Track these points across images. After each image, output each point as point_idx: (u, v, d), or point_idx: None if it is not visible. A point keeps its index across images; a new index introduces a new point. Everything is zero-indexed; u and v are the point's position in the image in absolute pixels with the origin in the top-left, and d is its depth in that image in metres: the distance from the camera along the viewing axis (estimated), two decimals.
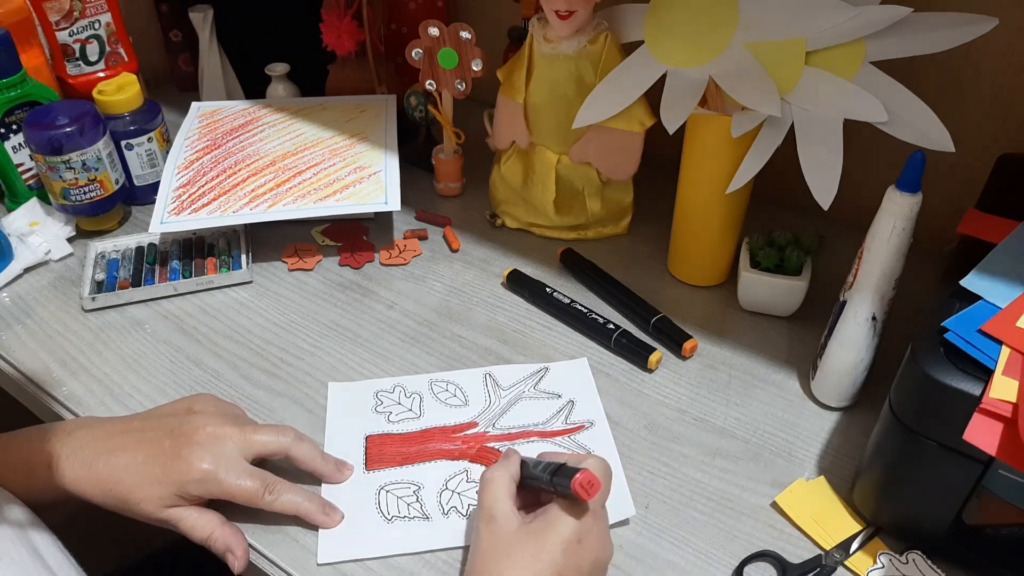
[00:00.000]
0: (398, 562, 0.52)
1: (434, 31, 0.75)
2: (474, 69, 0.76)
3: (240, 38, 0.98)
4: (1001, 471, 0.45)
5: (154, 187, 0.80)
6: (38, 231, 0.79)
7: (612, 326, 0.68)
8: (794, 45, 0.62)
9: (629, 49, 0.70)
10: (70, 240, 0.80)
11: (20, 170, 0.82)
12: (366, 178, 0.78)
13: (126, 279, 0.74)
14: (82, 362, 0.67)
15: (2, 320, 0.71)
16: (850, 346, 0.59)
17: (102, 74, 0.92)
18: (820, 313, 0.67)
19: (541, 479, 0.48)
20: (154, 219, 0.74)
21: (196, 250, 0.78)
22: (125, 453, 0.52)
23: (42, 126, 0.74)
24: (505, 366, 0.66)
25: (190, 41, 1.02)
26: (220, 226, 0.79)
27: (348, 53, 0.88)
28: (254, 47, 0.96)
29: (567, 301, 0.71)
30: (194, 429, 0.53)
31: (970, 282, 0.49)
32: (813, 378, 0.63)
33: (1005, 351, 0.45)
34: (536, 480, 0.49)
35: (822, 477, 0.57)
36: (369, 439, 0.60)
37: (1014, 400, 0.42)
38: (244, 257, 0.76)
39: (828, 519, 0.54)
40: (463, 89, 0.78)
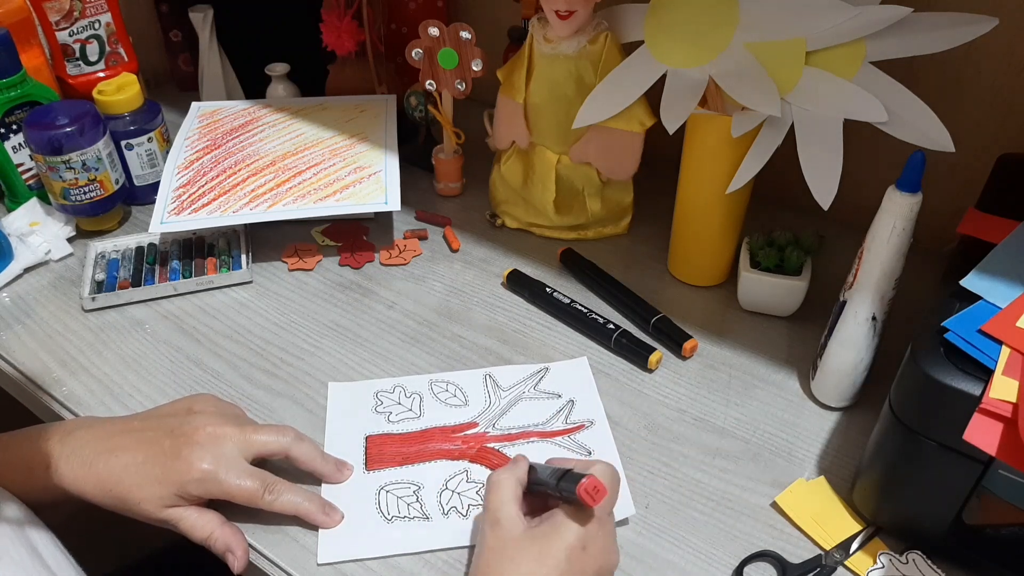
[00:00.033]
0: (398, 562, 0.52)
1: (434, 31, 0.75)
2: (474, 69, 0.76)
3: (240, 38, 0.98)
4: (1001, 471, 0.45)
5: (154, 187, 0.80)
6: (38, 231, 0.79)
7: (612, 326, 0.68)
8: (794, 45, 0.62)
9: (629, 49, 0.70)
10: (70, 240, 0.80)
11: (20, 170, 0.82)
12: (366, 178, 0.78)
13: (126, 279, 0.74)
14: (82, 362, 0.67)
15: (2, 320, 0.71)
16: (850, 346, 0.59)
17: (102, 74, 0.92)
18: (820, 313, 0.67)
19: (547, 484, 0.48)
20: (154, 219, 0.74)
21: (196, 250, 0.78)
22: (125, 453, 0.52)
23: (42, 126, 0.74)
24: (505, 366, 0.66)
25: (190, 41, 1.02)
26: (220, 226, 0.79)
27: (348, 53, 0.88)
28: (254, 47, 0.96)
29: (567, 301, 0.71)
30: (194, 429, 0.53)
31: (970, 282, 0.49)
32: (813, 378, 0.63)
33: (1005, 351, 0.45)
34: (542, 485, 0.48)
35: (822, 477, 0.57)
36: (369, 439, 0.60)
37: (1014, 400, 0.42)
38: (244, 257, 0.76)
39: (828, 519, 0.54)
40: (463, 89, 0.78)
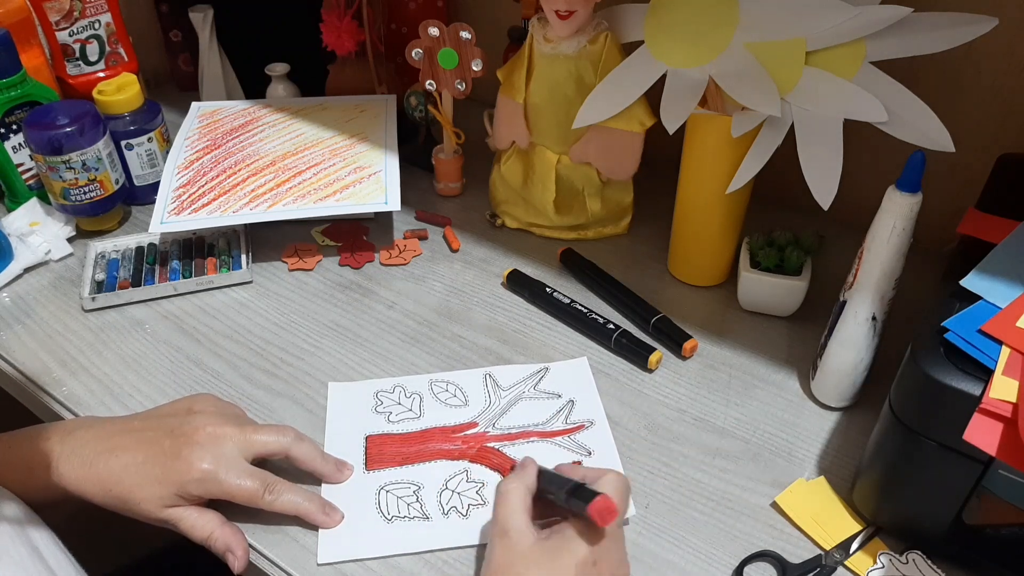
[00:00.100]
0: (398, 562, 0.52)
1: (434, 31, 0.75)
2: (474, 69, 0.76)
3: (240, 38, 0.98)
4: (1001, 471, 0.45)
5: (154, 187, 0.80)
6: (38, 231, 0.79)
7: (612, 326, 0.68)
8: (794, 45, 0.62)
9: (629, 49, 0.70)
10: (70, 240, 0.80)
11: (20, 170, 0.82)
12: (366, 178, 0.78)
13: (126, 279, 0.74)
14: (82, 362, 0.67)
15: (2, 320, 0.71)
16: (850, 346, 0.59)
17: (102, 74, 0.92)
18: (820, 313, 0.67)
19: (557, 497, 0.47)
20: (154, 219, 0.74)
21: (196, 250, 0.78)
22: (125, 453, 0.52)
23: (42, 126, 0.74)
24: (505, 366, 0.66)
25: (190, 41, 1.02)
26: (220, 226, 0.79)
27: (348, 53, 0.88)
28: (254, 47, 0.96)
29: (567, 301, 0.71)
30: (194, 429, 0.53)
31: (970, 282, 0.49)
32: (813, 378, 0.63)
33: (1005, 351, 0.45)
34: (552, 497, 0.48)
35: (822, 477, 0.57)
36: (369, 439, 0.60)
37: (1014, 400, 0.42)
38: (244, 257, 0.76)
39: (828, 519, 0.54)
40: (463, 89, 0.78)
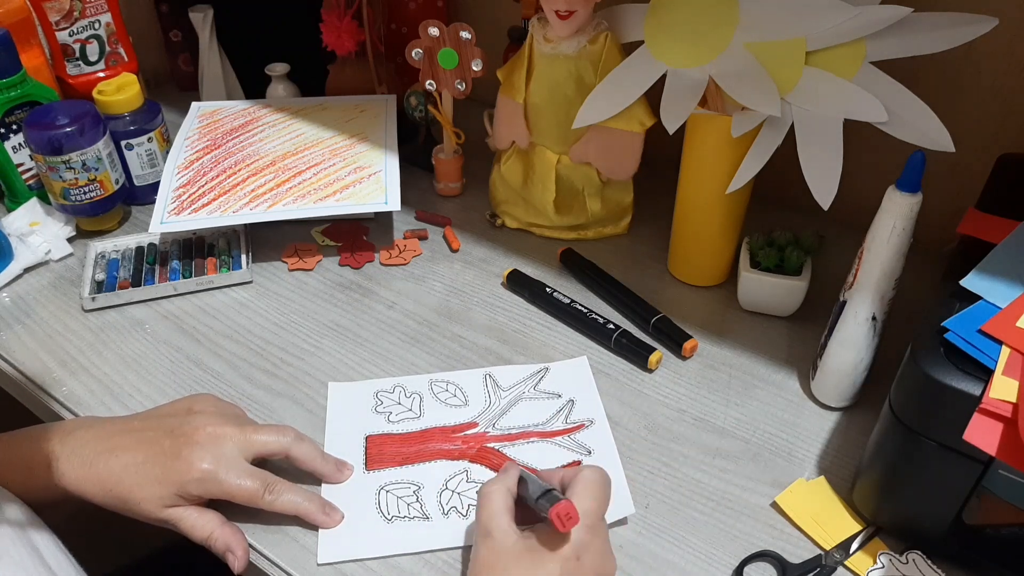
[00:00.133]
0: (398, 562, 0.52)
1: (434, 31, 0.75)
2: (474, 69, 0.76)
3: (240, 38, 0.98)
4: (1001, 471, 0.45)
5: (154, 187, 0.80)
6: (38, 231, 0.79)
7: (612, 326, 0.68)
8: (794, 45, 0.62)
9: (629, 49, 0.70)
10: (70, 240, 0.80)
11: (20, 170, 0.82)
12: (366, 178, 0.78)
13: (126, 279, 0.74)
14: (82, 362, 0.67)
15: (2, 320, 0.71)
16: (850, 346, 0.59)
17: (102, 74, 0.92)
18: (820, 313, 0.67)
19: (530, 501, 0.47)
20: (154, 219, 0.74)
21: (196, 250, 0.78)
22: (125, 453, 0.52)
23: (42, 126, 0.74)
24: (505, 366, 0.66)
25: (190, 41, 1.02)
26: (220, 226, 0.79)
27: (348, 53, 0.87)
28: (254, 47, 0.96)
29: (567, 301, 0.71)
30: (194, 429, 0.53)
31: (970, 282, 0.49)
32: (813, 378, 0.63)
33: (1005, 351, 0.45)
34: (527, 501, 0.48)
35: (822, 477, 0.57)
36: (369, 439, 0.60)
37: (1014, 400, 0.42)
38: (244, 257, 0.76)
39: (828, 519, 0.54)
40: (463, 89, 0.78)
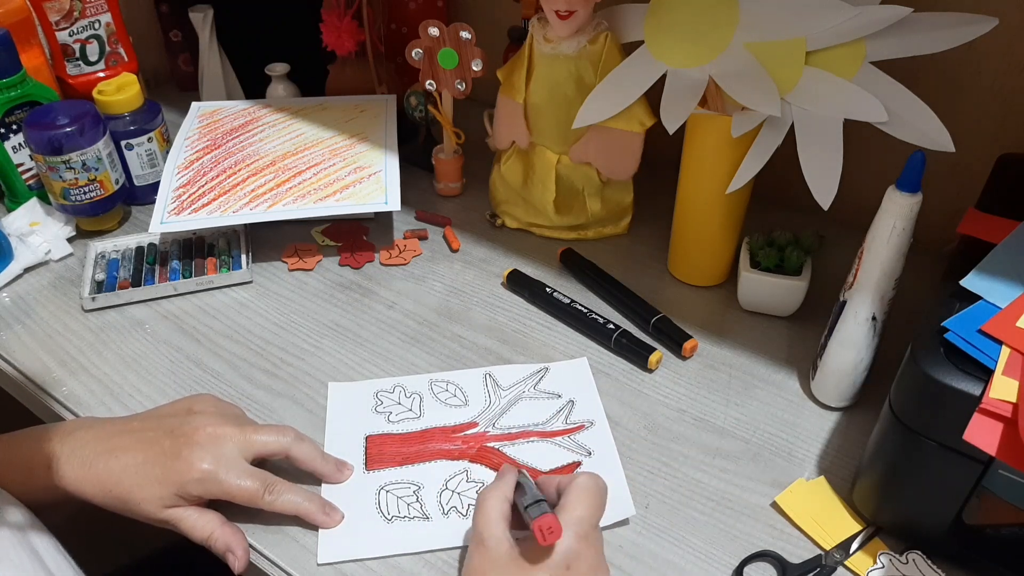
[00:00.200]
0: (398, 562, 0.52)
1: (434, 31, 0.75)
2: (474, 69, 0.76)
3: (240, 38, 0.98)
4: (1001, 471, 0.45)
5: (154, 187, 0.80)
6: (38, 231, 0.79)
7: (612, 326, 0.68)
8: (794, 45, 0.62)
9: (629, 49, 0.70)
10: (70, 240, 0.80)
11: (20, 170, 0.82)
12: (366, 178, 0.78)
13: (126, 279, 0.74)
14: (82, 362, 0.67)
15: (2, 320, 0.71)
16: (850, 346, 0.59)
17: (102, 74, 0.92)
18: (820, 313, 0.67)
19: (521, 507, 0.47)
20: (154, 219, 0.74)
21: (196, 250, 0.78)
22: (125, 453, 0.52)
23: (42, 126, 0.74)
24: (505, 366, 0.66)
25: (190, 41, 1.02)
26: (220, 226, 0.79)
27: (348, 53, 0.87)
28: (254, 47, 0.96)
29: (567, 301, 0.71)
30: (194, 429, 0.53)
31: (970, 282, 0.49)
32: (813, 378, 0.63)
33: (1005, 351, 0.45)
34: (519, 507, 0.48)
35: (822, 477, 0.57)
36: (369, 439, 0.60)
37: (1014, 400, 0.42)
38: (244, 257, 0.76)
39: (828, 519, 0.54)
40: (463, 89, 0.78)
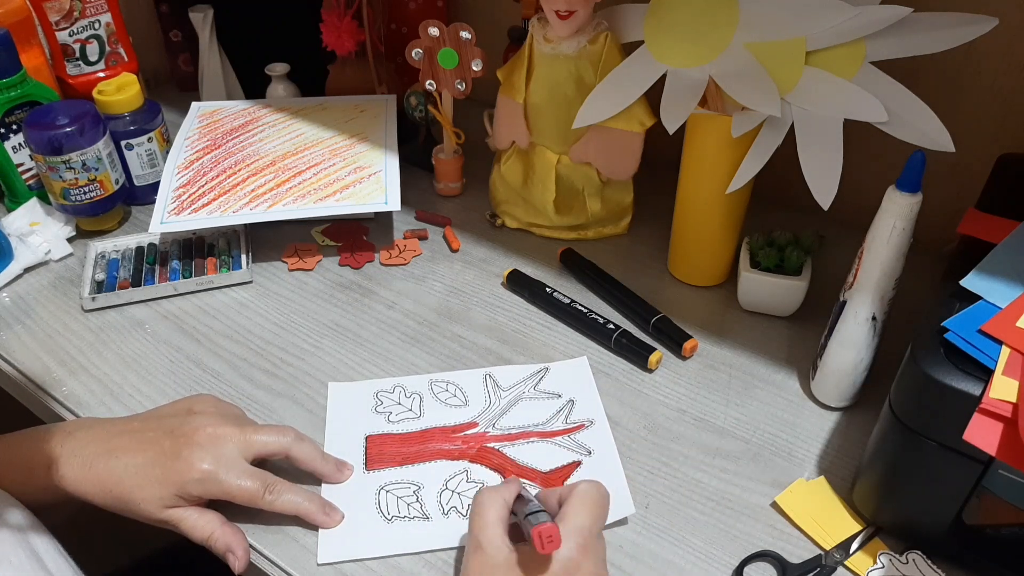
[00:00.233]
0: (398, 562, 0.52)
1: (434, 31, 0.75)
2: (474, 69, 0.76)
3: (240, 38, 0.98)
4: (1001, 471, 0.45)
5: (154, 187, 0.80)
6: (38, 231, 0.79)
7: (612, 326, 0.68)
8: (794, 45, 0.62)
9: (629, 49, 0.70)
10: (70, 240, 0.80)
11: (20, 170, 0.82)
12: (366, 178, 0.78)
13: (126, 279, 0.74)
14: (82, 362, 0.67)
15: (2, 320, 0.71)
16: (850, 346, 0.59)
17: (102, 74, 0.92)
18: (820, 313, 0.67)
19: (520, 515, 0.47)
20: (154, 219, 0.74)
21: (196, 250, 0.78)
22: (125, 454, 0.52)
23: (42, 126, 0.74)
24: (505, 366, 0.66)
25: (190, 41, 1.02)
26: (220, 226, 0.79)
27: (348, 53, 0.87)
28: (254, 47, 0.96)
29: (567, 301, 0.71)
30: (194, 429, 0.53)
31: (970, 282, 0.49)
32: (813, 378, 0.63)
33: (1005, 351, 0.45)
34: (518, 516, 0.48)
35: (822, 477, 0.57)
36: (369, 439, 0.60)
37: (1014, 400, 0.42)
38: (244, 257, 0.76)
39: (828, 519, 0.54)
40: (463, 89, 0.78)
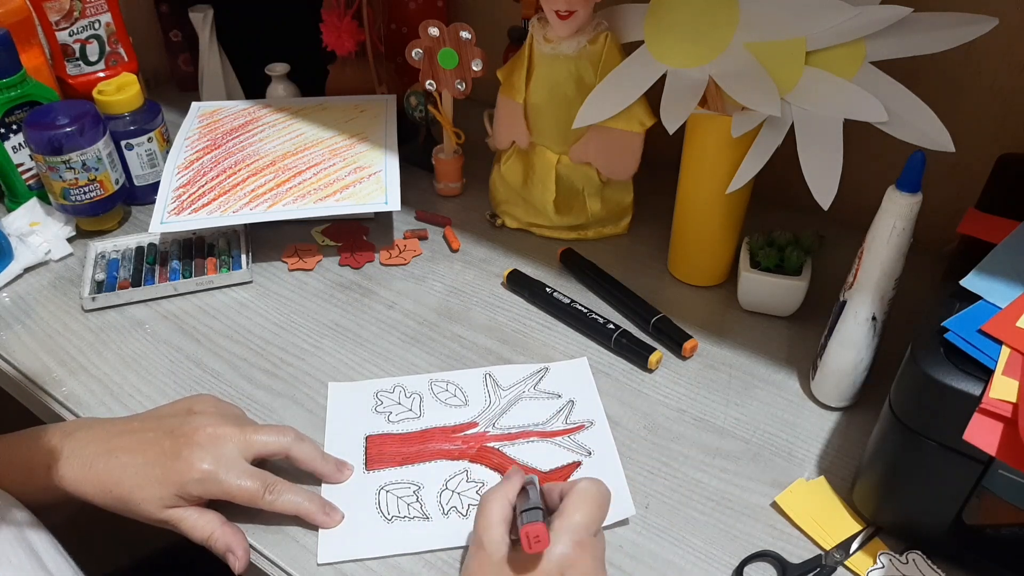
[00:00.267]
0: (398, 562, 0.52)
1: (434, 31, 0.75)
2: (474, 69, 0.76)
3: (240, 38, 0.98)
4: (1001, 471, 0.45)
5: (154, 187, 0.80)
6: (38, 231, 0.79)
7: (612, 326, 0.68)
8: (794, 45, 0.62)
9: (629, 49, 0.70)
10: (70, 240, 0.80)
11: (20, 170, 0.82)
12: (366, 178, 0.78)
13: (126, 279, 0.74)
14: (82, 362, 0.67)
15: (2, 320, 0.71)
16: (850, 346, 0.59)
17: (102, 74, 0.92)
18: (820, 313, 0.67)
19: (517, 512, 0.47)
20: (154, 219, 0.74)
21: (196, 250, 0.78)
22: (125, 454, 0.52)
23: (42, 126, 0.74)
24: (505, 366, 0.66)
25: (190, 41, 1.02)
26: (220, 226, 0.79)
27: (348, 53, 0.88)
28: (254, 47, 0.96)
29: (567, 301, 0.71)
30: (194, 429, 0.53)
31: (970, 282, 0.49)
32: (813, 378, 0.63)
33: (1005, 351, 0.45)
34: (517, 512, 0.48)
35: (822, 477, 0.57)
36: (369, 439, 0.60)
37: (1014, 400, 0.42)
38: (244, 257, 0.76)
39: (828, 519, 0.54)
40: (463, 89, 0.78)
